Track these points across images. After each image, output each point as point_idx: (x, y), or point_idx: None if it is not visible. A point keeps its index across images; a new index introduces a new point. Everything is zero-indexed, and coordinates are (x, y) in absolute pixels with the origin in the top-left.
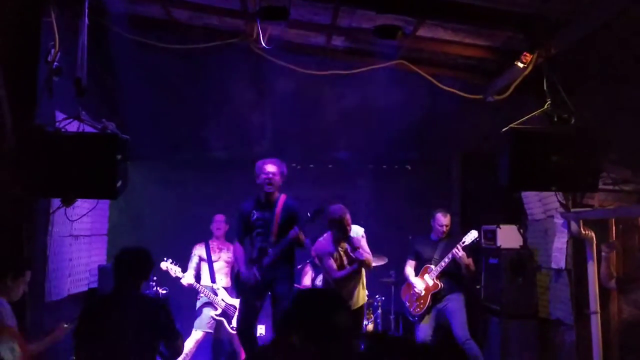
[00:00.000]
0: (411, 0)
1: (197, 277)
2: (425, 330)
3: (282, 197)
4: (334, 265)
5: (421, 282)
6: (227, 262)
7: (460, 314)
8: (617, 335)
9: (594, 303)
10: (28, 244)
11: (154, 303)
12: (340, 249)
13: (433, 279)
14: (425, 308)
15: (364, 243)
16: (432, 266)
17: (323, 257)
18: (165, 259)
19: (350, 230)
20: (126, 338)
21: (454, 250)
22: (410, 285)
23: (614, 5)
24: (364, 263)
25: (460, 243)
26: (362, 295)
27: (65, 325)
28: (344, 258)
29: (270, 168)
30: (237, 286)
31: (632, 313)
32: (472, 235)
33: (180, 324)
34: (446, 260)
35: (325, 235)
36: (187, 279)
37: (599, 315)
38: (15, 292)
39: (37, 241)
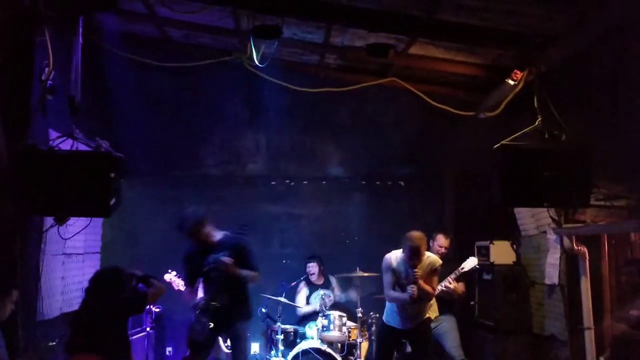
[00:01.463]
0: (403, 19)
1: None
2: None
3: (223, 236)
4: (389, 282)
5: None
6: None
7: (454, 334)
8: (608, 352)
9: (587, 319)
10: (20, 263)
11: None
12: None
13: None
14: None
15: (434, 277)
16: None
17: (384, 270)
18: (169, 270)
19: (417, 261)
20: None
21: (445, 283)
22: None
23: (601, 25)
24: (412, 298)
25: (459, 269)
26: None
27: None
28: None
29: None
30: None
31: (623, 330)
32: (471, 263)
33: (175, 341)
34: (440, 287)
35: (400, 250)
36: None
37: (592, 331)
38: (3, 311)
39: (29, 259)
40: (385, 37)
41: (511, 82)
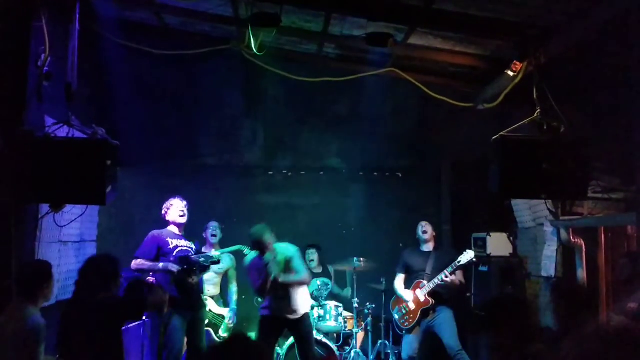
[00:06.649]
0: (403, 9)
1: None
2: (411, 343)
3: None
4: None
5: (412, 296)
6: (217, 272)
7: (451, 326)
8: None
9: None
10: (16, 250)
11: (114, 304)
12: None
13: (425, 295)
14: (414, 322)
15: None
16: (425, 282)
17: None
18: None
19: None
20: (87, 339)
21: (442, 277)
22: (400, 299)
23: (602, 16)
24: None
25: (456, 262)
26: None
27: None
28: None
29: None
30: None
31: (620, 321)
32: (468, 256)
33: None
34: (437, 280)
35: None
36: None
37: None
38: (50, 295)
39: (25, 247)
40: (384, 26)
41: (510, 74)
